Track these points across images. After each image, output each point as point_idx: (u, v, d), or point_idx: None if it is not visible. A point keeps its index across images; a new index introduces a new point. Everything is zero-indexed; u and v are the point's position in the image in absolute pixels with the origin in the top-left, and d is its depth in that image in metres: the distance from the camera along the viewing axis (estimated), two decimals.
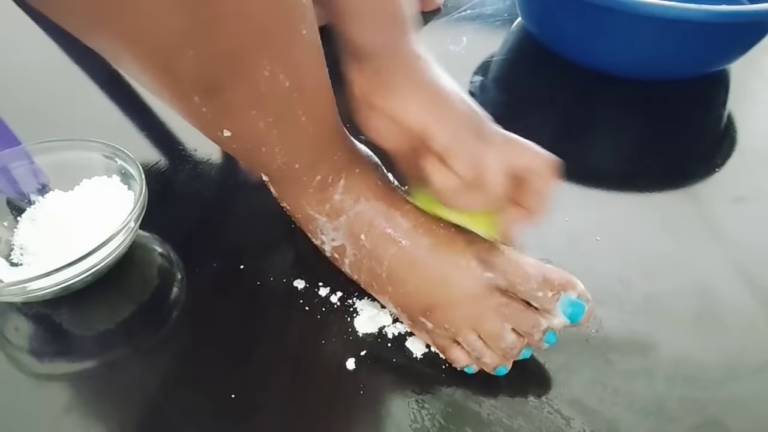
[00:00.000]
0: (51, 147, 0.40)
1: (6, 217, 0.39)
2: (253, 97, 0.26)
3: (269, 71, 0.25)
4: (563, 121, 0.54)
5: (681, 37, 0.50)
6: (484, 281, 0.31)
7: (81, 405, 0.32)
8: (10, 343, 0.35)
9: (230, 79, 0.24)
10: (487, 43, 0.65)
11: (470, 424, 0.31)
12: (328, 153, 0.32)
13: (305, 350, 0.35)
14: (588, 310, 0.31)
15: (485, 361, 0.32)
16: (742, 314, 0.37)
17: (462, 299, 0.31)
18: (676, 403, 0.32)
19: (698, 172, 0.48)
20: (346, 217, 0.33)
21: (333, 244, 0.35)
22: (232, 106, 0.26)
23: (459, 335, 0.32)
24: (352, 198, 0.33)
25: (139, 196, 0.36)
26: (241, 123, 0.27)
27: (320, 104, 0.29)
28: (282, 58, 0.25)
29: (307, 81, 0.27)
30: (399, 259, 0.32)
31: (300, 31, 0.25)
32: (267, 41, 0.24)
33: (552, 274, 0.31)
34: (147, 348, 0.35)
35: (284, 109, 0.27)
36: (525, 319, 0.31)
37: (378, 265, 0.33)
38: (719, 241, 0.42)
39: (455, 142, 0.29)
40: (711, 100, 0.58)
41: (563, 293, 0.31)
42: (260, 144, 0.29)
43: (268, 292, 0.38)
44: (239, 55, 0.23)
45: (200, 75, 0.24)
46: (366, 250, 0.33)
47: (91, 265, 0.34)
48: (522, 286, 0.31)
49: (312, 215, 0.34)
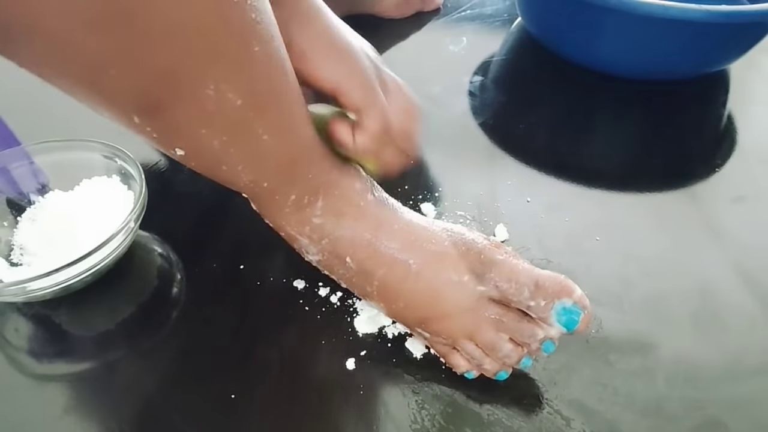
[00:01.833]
0: (51, 147, 0.40)
1: (6, 217, 0.39)
2: (199, 116, 0.24)
3: (214, 90, 0.23)
4: (563, 121, 0.54)
5: (681, 37, 0.50)
6: (478, 294, 0.30)
7: (81, 405, 0.32)
8: (10, 343, 0.35)
9: (169, 98, 0.23)
10: (487, 43, 0.65)
11: (470, 425, 0.31)
12: (300, 172, 0.30)
13: (305, 350, 0.35)
14: (584, 318, 0.29)
15: (485, 367, 0.31)
16: (742, 314, 0.37)
17: (457, 312, 0.31)
18: (676, 403, 0.32)
19: (698, 172, 0.48)
20: (328, 241, 0.32)
21: (320, 260, 0.34)
22: (177, 125, 0.24)
23: (457, 344, 0.32)
24: (332, 221, 0.31)
25: (139, 196, 0.36)
26: (192, 142, 0.25)
27: (286, 122, 0.28)
28: (229, 77, 0.23)
29: (264, 99, 0.26)
30: (388, 279, 0.32)
31: (251, 48, 0.23)
32: (207, 60, 0.22)
33: (546, 281, 0.30)
34: (147, 348, 0.35)
35: (240, 128, 0.26)
36: (521, 330, 0.30)
37: (368, 284, 0.32)
38: (719, 241, 0.42)
39: (367, 99, 0.30)
40: (711, 100, 0.58)
41: (557, 301, 0.29)
42: (219, 162, 0.27)
43: (268, 292, 0.38)
44: (175, 73, 0.22)
45: (134, 94, 0.22)
46: (354, 271, 0.32)
47: (91, 265, 0.34)
48: (515, 297, 0.30)
49: (293, 235, 0.32)
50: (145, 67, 0.21)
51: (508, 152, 0.49)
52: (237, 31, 0.22)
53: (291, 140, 0.29)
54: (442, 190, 0.45)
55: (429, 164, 0.48)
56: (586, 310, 0.29)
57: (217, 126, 0.25)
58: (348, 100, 0.30)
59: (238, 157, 0.27)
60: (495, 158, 0.49)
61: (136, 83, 0.22)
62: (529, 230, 0.42)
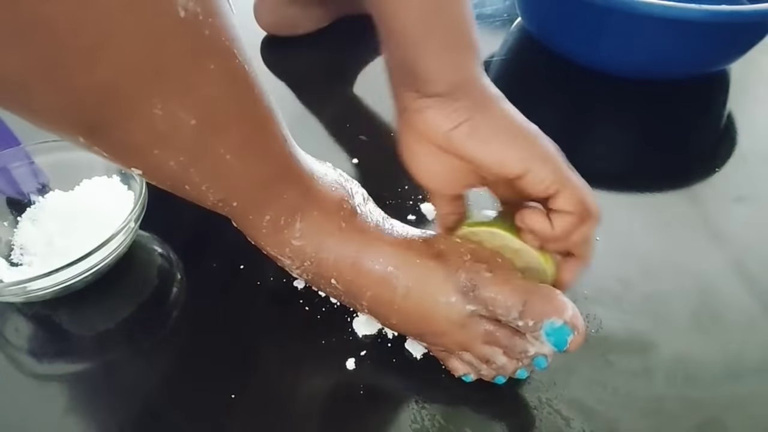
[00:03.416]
0: (51, 147, 0.40)
1: (6, 217, 0.39)
2: (150, 136, 0.22)
3: (161, 109, 0.21)
4: (563, 121, 0.54)
5: (681, 37, 0.50)
6: (467, 313, 0.30)
7: (81, 405, 0.32)
8: (10, 343, 0.35)
9: (112, 118, 0.21)
10: (487, 43, 0.65)
11: (470, 425, 0.31)
12: (273, 192, 0.28)
13: (305, 350, 0.35)
14: (574, 339, 0.28)
15: (482, 373, 0.32)
16: (741, 314, 0.37)
17: (449, 329, 0.30)
18: (676, 403, 0.32)
19: (698, 172, 0.48)
20: (310, 263, 0.31)
21: (306, 279, 0.33)
22: (127, 145, 0.23)
23: (454, 353, 0.32)
24: (313, 243, 0.30)
25: (139, 196, 0.36)
26: (147, 161, 0.24)
27: (253, 141, 0.26)
28: (177, 96, 0.21)
29: (223, 118, 0.24)
30: (377, 300, 0.31)
31: (204, 65, 0.21)
32: (149, 77, 0.20)
33: (535, 301, 0.28)
34: (147, 348, 0.35)
35: (198, 148, 0.24)
36: (513, 345, 0.30)
37: (357, 303, 0.32)
38: (719, 241, 0.42)
39: (562, 177, 0.28)
40: (711, 100, 0.58)
41: (546, 321, 0.28)
42: (181, 182, 0.25)
43: (268, 292, 0.38)
44: (113, 91, 0.20)
45: (70, 114, 0.21)
46: (341, 291, 0.32)
47: (91, 265, 0.34)
48: (503, 318, 0.29)
49: (274, 255, 0.31)
50: (76, 85, 0.19)
51: None
52: (185, 47, 0.21)
53: (260, 160, 0.27)
54: None
55: None
56: (577, 330, 0.28)
57: (171, 146, 0.23)
58: (539, 181, 0.28)
59: (200, 177, 0.25)
60: None
61: (70, 103, 0.20)
62: None
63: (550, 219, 0.28)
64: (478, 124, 0.27)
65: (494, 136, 0.28)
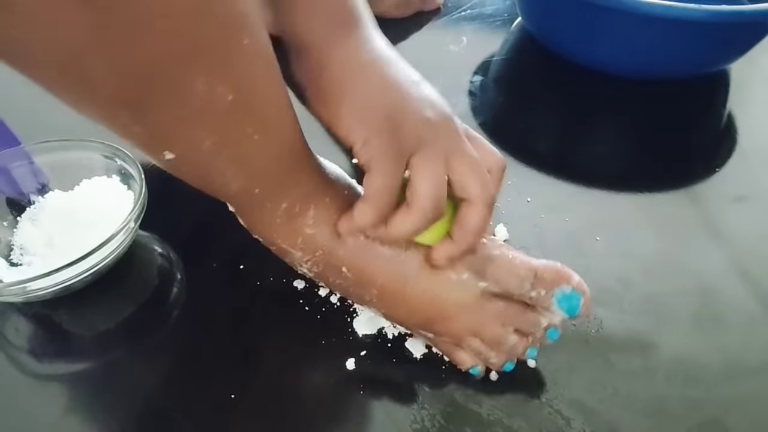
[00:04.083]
0: (51, 147, 0.40)
1: (6, 217, 0.39)
2: (191, 112, 0.23)
3: (203, 83, 0.22)
4: (563, 121, 0.54)
5: (681, 37, 0.50)
6: (479, 290, 0.31)
7: (81, 405, 0.32)
8: (10, 343, 0.35)
9: (158, 92, 0.22)
10: (487, 43, 0.65)
11: (470, 425, 0.31)
12: (291, 177, 0.29)
13: (305, 350, 0.35)
14: (584, 302, 0.30)
15: (492, 361, 0.32)
16: (742, 314, 0.37)
17: (460, 311, 0.31)
18: (676, 403, 0.32)
19: (698, 172, 0.48)
20: (322, 252, 0.31)
21: (315, 273, 0.33)
22: (167, 124, 0.24)
23: (461, 343, 0.32)
24: (325, 232, 0.30)
25: (139, 196, 0.36)
26: (183, 143, 0.25)
27: (275, 121, 0.27)
28: (219, 70, 0.23)
29: (254, 95, 0.25)
30: (388, 287, 0.31)
31: (240, 41, 0.23)
32: (194, 51, 0.21)
33: (544, 271, 0.30)
34: (147, 348, 0.35)
35: (231, 127, 0.25)
36: (525, 320, 0.31)
37: (366, 293, 0.32)
38: (719, 241, 0.42)
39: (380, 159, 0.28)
40: (711, 100, 0.58)
41: (557, 289, 0.30)
42: (210, 167, 0.27)
43: (268, 292, 0.38)
44: (162, 66, 0.21)
45: (117, 87, 0.21)
46: (351, 281, 0.32)
47: (91, 265, 0.34)
48: (517, 291, 0.30)
49: (285, 249, 0.31)
50: (128, 56, 0.20)
51: (508, 152, 0.49)
52: (225, 22, 0.22)
53: (280, 142, 0.28)
54: None
55: None
56: (585, 294, 0.30)
57: (208, 123, 0.24)
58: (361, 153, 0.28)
59: (229, 160, 0.26)
60: None
61: (119, 74, 0.21)
62: (529, 230, 0.42)
63: None
64: (325, 62, 0.28)
65: (335, 83, 0.28)
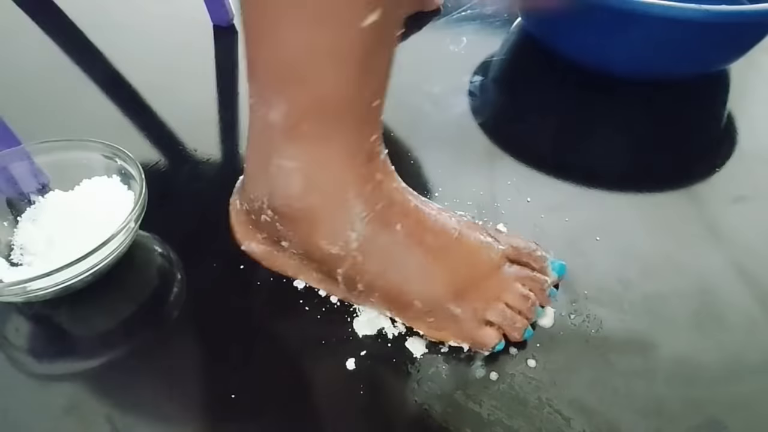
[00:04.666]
0: (51, 147, 0.40)
1: (6, 217, 0.39)
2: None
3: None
4: (563, 121, 0.54)
5: (681, 37, 0.50)
6: (501, 252, 0.35)
7: (81, 405, 0.32)
8: (10, 343, 0.35)
9: None
10: (487, 43, 0.65)
11: (470, 425, 0.31)
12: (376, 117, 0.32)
13: (305, 350, 0.35)
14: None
15: (517, 326, 0.34)
16: (742, 314, 0.37)
17: (489, 272, 0.34)
18: (676, 403, 0.32)
19: (698, 172, 0.48)
20: (381, 206, 0.32)
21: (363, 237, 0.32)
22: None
23: (488, 309, 0.33)
24: (388, 180, 0.33)
25: (139, 196, 0.36)
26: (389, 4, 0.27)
27: (394, 51, 0.30)
28: None
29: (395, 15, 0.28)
30: (435, 245, 0.33)
31: None
32: None
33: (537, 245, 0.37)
34: (147, 348, 0.35)
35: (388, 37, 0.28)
36: (536, 278, 0.35)
37: (411, 256, 0.33)
38: (719, 241, 0.42)
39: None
40: (711, 100, 0.58)
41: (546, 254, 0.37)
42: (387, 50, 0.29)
43: (268, 292, 0.38)
44: None
45: None
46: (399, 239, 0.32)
47: (91, 265, 0.34)
48: (526, 250, 0.36)
49: (349, 201, 0.31)
50: None
51: (508, 152, 0.49)
52: None
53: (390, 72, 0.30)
54: (442, 190, 0.45)
55: (429, 164, 0.48)
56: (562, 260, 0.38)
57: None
58: None
59: (384, 60, 0.29)
60: (495, 158, 0.49)
61: None
62: (529, 230, 0.42)
63: None
64: None
65: None
